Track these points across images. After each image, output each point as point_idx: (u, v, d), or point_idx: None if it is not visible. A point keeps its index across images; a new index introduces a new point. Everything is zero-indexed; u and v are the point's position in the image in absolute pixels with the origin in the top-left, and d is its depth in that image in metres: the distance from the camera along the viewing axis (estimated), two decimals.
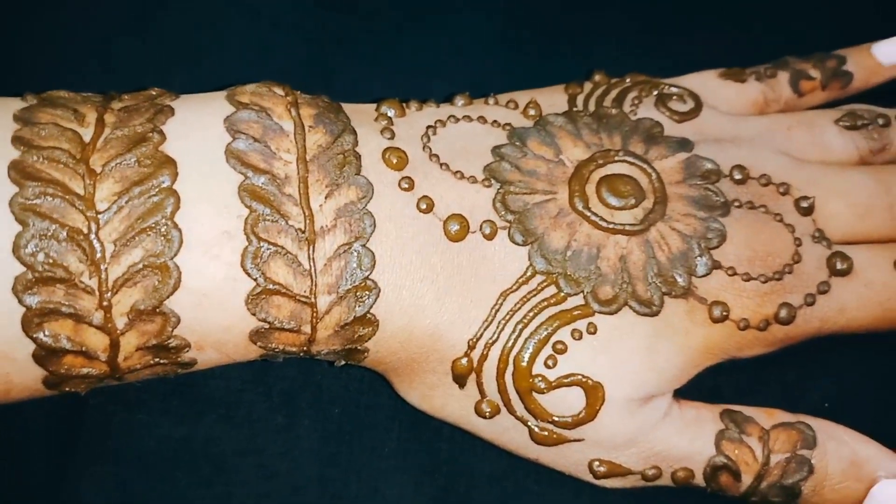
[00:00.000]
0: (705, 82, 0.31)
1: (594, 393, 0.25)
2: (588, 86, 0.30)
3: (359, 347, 0.25)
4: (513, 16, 0.36)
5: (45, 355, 0.23)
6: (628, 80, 0.30)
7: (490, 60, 0.35)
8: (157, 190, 0.23)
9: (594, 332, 0.25)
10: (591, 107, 0.29)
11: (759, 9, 0.37)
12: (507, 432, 0.26)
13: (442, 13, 0.36)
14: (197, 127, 0.24)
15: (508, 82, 0.31)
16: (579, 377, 0.25)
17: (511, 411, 0.25)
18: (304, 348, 0.25)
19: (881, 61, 0.32)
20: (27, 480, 0.27)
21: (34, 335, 0.22)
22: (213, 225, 0.23)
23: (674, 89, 0.30)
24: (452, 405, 0.26)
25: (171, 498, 0.27)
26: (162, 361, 0.24)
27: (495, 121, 0.28)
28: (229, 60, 0.34)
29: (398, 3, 0.36)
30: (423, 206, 0.25)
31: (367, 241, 0.24)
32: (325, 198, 0.24)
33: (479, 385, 0.25)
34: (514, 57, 0.35)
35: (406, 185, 0.25)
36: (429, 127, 0.27)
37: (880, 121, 0.30)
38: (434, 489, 0.28)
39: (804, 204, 0.27)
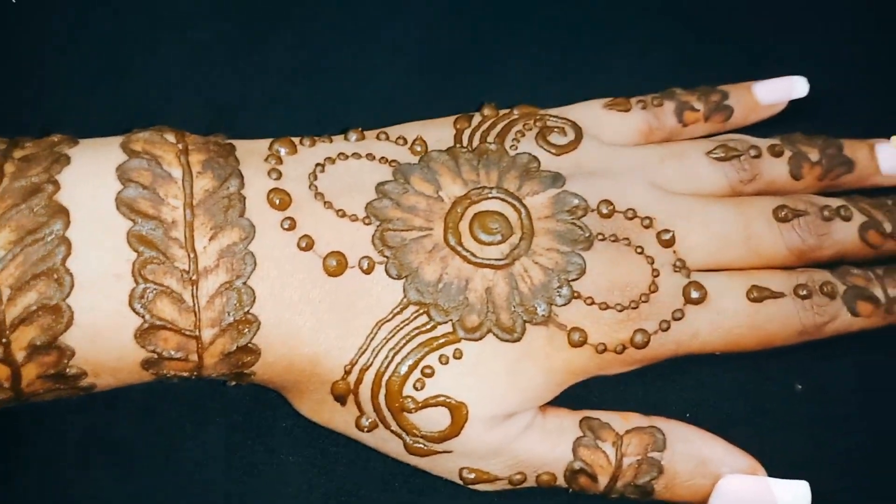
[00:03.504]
0: (590, 112, 0.32)
1: (458, 412, 0.27)
2: (476, 119, 0.31)
3: (245, 371, 0.27)
4: (429, 43, 0.37)
5: None
6: (516, 112, 0.31)
7: (406, 87, 0.36)
8: (50, 237, 0.25)
9: (460, 357, 0.27)
10: (476, 141, 0.30)
11: (669, 35, 0.38)
12: (387, 443, 0.28)
13: (360, 41, 0.37)
14: (90, 176, 0.26)
15: (423, 107, 0.32)
16: (443, 398, 0.27)
17: (387, 426, 0.27)
18: (195, 373, 0.27)
19: (759, 100, 0.33)
20: None
21: None
22: (103, 269, 0.25)
23: (556, 121, 0.31)
24: (338, 419, 0.28)
25: (87, 494, 0.29)
26: (62, 387, 0.26)
27: (383, 157, 0.29)
28: (155, 79, 0.36)
29: (320, 31, 0.37)
30: (304, 245, 0.27)
31: (247, 279, 0.26)
32: (209, 240, 0.26)
33: (358, 404, 0.27)
34: (430, 82, 0.36)
35: (287, 225, 0.27)
36: (317, 165, 0.28)
37: (752, 152, 0.31)
38: (328, 487, 0.29)
39: (665, 237, 0.29)
